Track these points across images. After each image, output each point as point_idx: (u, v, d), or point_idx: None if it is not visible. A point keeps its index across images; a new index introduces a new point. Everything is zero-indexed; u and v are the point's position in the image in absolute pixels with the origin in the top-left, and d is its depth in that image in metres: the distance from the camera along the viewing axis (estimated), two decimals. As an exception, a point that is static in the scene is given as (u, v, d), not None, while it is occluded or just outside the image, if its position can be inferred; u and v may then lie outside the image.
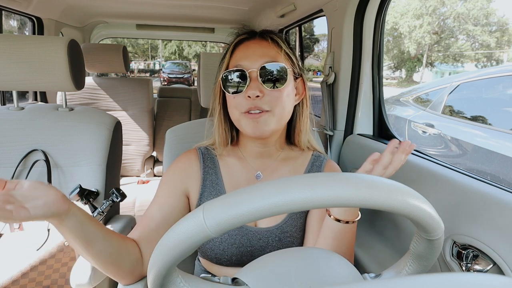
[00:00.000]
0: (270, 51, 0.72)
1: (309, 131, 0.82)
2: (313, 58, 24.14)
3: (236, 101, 0.71)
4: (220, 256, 0.76)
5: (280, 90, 0.70)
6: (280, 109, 0.71)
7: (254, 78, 0.70)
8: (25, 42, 1.08)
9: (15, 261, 0.96)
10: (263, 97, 0.69)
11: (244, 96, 0.69)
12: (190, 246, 0.36)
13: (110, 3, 2.08)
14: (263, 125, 0.70)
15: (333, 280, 0.44)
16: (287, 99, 0.72)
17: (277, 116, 0.71)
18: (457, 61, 19.49)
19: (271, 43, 0.73)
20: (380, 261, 1.02)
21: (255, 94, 0.68)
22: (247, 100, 0.69)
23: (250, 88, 0.69)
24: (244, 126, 0.71)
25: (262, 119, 0.69)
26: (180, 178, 0.78)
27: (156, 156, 2.54)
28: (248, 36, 0.75)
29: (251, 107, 0.69)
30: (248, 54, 0.72)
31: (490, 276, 0.30)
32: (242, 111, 0.70)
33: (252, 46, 0.73)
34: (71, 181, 1.16)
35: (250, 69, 0.70)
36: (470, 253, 0.72)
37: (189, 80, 16.48)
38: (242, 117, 0.71)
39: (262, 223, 0.77)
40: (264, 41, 0.74)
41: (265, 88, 0.69)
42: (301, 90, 0.78)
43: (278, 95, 0.70)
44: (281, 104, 0.71)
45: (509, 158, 2.12)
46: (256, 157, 0.80)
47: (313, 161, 0.83)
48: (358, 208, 0.66)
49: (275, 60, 0.71)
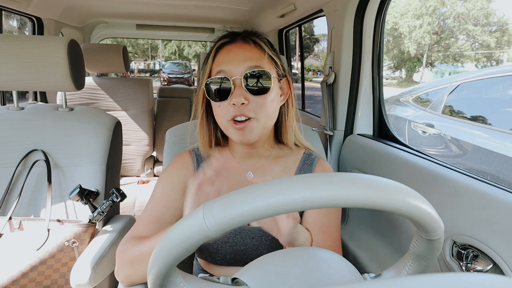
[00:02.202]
0: (253, 55, 0.72)
1: (296, 128, 0.82)
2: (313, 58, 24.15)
3: (221, 109, 0.72)
4: (214, 255, 0.76)
5: (265, 97, 0.71)
6: (264, 116, 0.71)
7: (238, 85, 0.69)
8: (25, 42, 1.08)
9: (15, 261, 0.96)
10: (248, 104, 0.69)
11: (229, 104, 0.70)
12: (190, 246, 0.36)
13: (110, 3, 2.08)
14: (248, 133, 0.70)
15: (333, 280, 0.44)
16: (271, 104, 0.73)
17: (262, 122, 0.71)
18: (457, 61, 19.49)
19: (254, 46, 0.73)
20: (380, 261, 1.02)
21: (240, 102, 0.68)
22: (232, 107, 0.69)
23: (235, 95, 0.69)
24: (231, 134, 0.73)
25: (247, 128, 0.70)
26: (178, 179, 0.78)
27: (156, 156, 2.54)
28: (229, 39, 0.75)
29: (237, 114, 0.69)
30: (230, 58, 0.71)
31: (490, 276, 0.30)
32: (228, 118, 0.71)
33: (235, 50, 0.73)
34: (71, 181, 1.16)
35: (234, 76, 0.70)
36: (470, 253, 0.72)
37: (189, 80, 16.47)
38: (229, 126, 0.72)
39: (256, 222, 0.77)
40: (246, 44, 0.73)
41: (250, 95, 0.70)
42: (286, 89, 0.78)
43: (262, 102, 0.70)
44: (266, 110, 0.71)
45: (509, 158, 2.12)
46: (246, 157, 0.80)
47: (304, 159, 0.83)
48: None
49: (259, 65, 0.70)
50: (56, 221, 1.07)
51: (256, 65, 0.70)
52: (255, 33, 0.76)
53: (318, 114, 1.80)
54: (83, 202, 1.07)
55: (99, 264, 0.96)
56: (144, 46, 27.23)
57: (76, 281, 0.92)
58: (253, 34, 0.75)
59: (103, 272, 0.99)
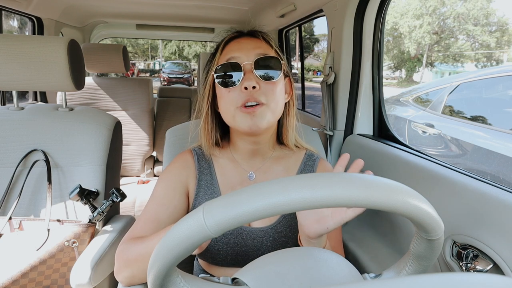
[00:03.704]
0: (262, 45, 0.73)
1: (296, 131, 0.82)
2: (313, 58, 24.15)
3: (231, 96, 0.70)
4: (215, 255, 0.76)
5: (275, 82, 0.71)
6: (274, 103, 0.71)
7: (249, 70, 0.69)
8: (25, 42, 1.08)
9: (15, 261, 0.96)
10: (259, 89, 0.69)
11: (240, 89, 0.69)
12: (190, 246, 0.36)
13: (110, 3, 2.08)
14: (259, 118, 0.69)
15: (333, 280, 0.44)
16: (280, 93, 0.73)
17: (272, 109, 0.71)
18: (457, 61, 19.49)
19: (263, 40, 0.75)
20: (380, 261, 1.02)
21: (252, 85, 0.67)
22: (243, 93, 0.68)
23: (246, 79, 0.68)
24: (240, 121, 0.70)
25: (258, 112, 0.68)
26: (179, 178, 0.78)
27: (156, 156, 2.54)
28: (238, 34, 0.76)
29: (248, 99, 0.68)
30: (240, 47, 0.72)
31: (490, 276, 0.29)
32: (238, 105, 0.69)
33: (244, 41, 0.74)
34: (71, 181, 1.16)
35: (245, 61, 0.70)
36: (470, 253, 0.72)
37: (189, 80, 16.47)
38: (238, 112, 0.69)
39: (257, 223, 0.77)
40: (255, 37, 0.75)
41: (260, 80, 0.69)
42: (289, 90, 0.79)
43: (272, 87, 0.70)
44: (276, 97, 0.71)
45: (509, 158, 2.12)
46: (248, 157, 0.80)
47: (305, 160, 0.83)
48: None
49: (268, 53, 0.72)
50: (56, 221, 1.07)
51: (265, 53, 0.71)
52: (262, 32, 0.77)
53: (318, 114, 1.80)
54: (83, 202, 1.07)
55: (99, 264, 0.96)
56: (144, 46, 27.23)
57: (76, 281, 0.91)
58: (261, 32, 0.77)
59: (103, 272, 0.99)
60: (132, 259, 0.66)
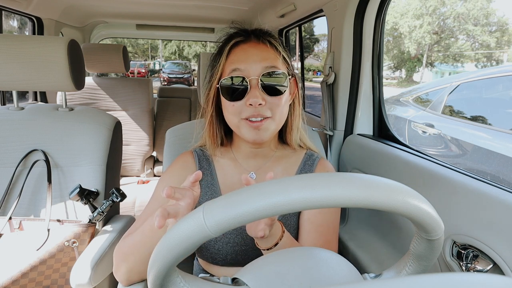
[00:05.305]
0: (269, 55, 0.71)
1: (301, 129, 0.82)
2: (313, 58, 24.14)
3: (235, 108, 0.70)
4: (215, 255, 0.76)
5: (280, 97, 0.70)
6: (279, 115, 0.71)
7: (255, 86, 0.68)
8: (25, 42, 1.08)
9: (15, 261, 0.96)
10: (264, 105, 0.68)
11: (245, 104, 0.68)
12: (190, 246, 0.36)
13: (110, 3, 2.08)
14: (264, 132, 0.70)
15: (333, 280, 0.44)
16: (285, 104, 0.73)
17: (277, 121, 0.71)
18: (457, 61, 19.48)
19: (270, 47, 0.72)
20: (380, 261, 1.02)
21: (257, 103, 0.67)
22: (248, 108, 0.68)
23: (252, 96, 0.68)
24: (244, 132, 0.71)
25: (263, 127, 0.69)
26: (180, 179, 0.78)
27: (156, 156, 2.54)
28: (243, 38, 0.73)
29: (254, 114, 0.68)
30: (247, 57, 0.70)
31: (490, 276, 0.29)
32: (242, 117, 0.69)
33: (250, 50, 0.71)
34: (71, 181, 1.16)
35: (251, 76, 0.68)
36: (470, 253, 0.72)
37: (189, 80, 16.48)
38: (242, 123, 0.70)
39: None
40: (261, 44, 0.72)
41: (266, 95, 0.69)
42: (293, 88, 0.78)
43: (278, 102, 0.70)
44: (281, 109, 0.71)
45: (509, 158, 2.12)
46: (249, 157, 0.80)
47: (305, 160, 0.82)
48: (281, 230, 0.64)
49: (275, 65, 0.70)
50: (56, 221, 1.07)
51: (272, 65, 0.70)
52: (269, 34, 0.75)
53: (318, 114, 1.80)
54: (83, 202, 1.07)
55: (99, 264, 0.96)
56: (144, 46, 27.23)
57: (76, 281, 0.91)
58: (267, 35, 0.74)
59: (103, 272, 0.99)
60: (128, 252, 0.66)
